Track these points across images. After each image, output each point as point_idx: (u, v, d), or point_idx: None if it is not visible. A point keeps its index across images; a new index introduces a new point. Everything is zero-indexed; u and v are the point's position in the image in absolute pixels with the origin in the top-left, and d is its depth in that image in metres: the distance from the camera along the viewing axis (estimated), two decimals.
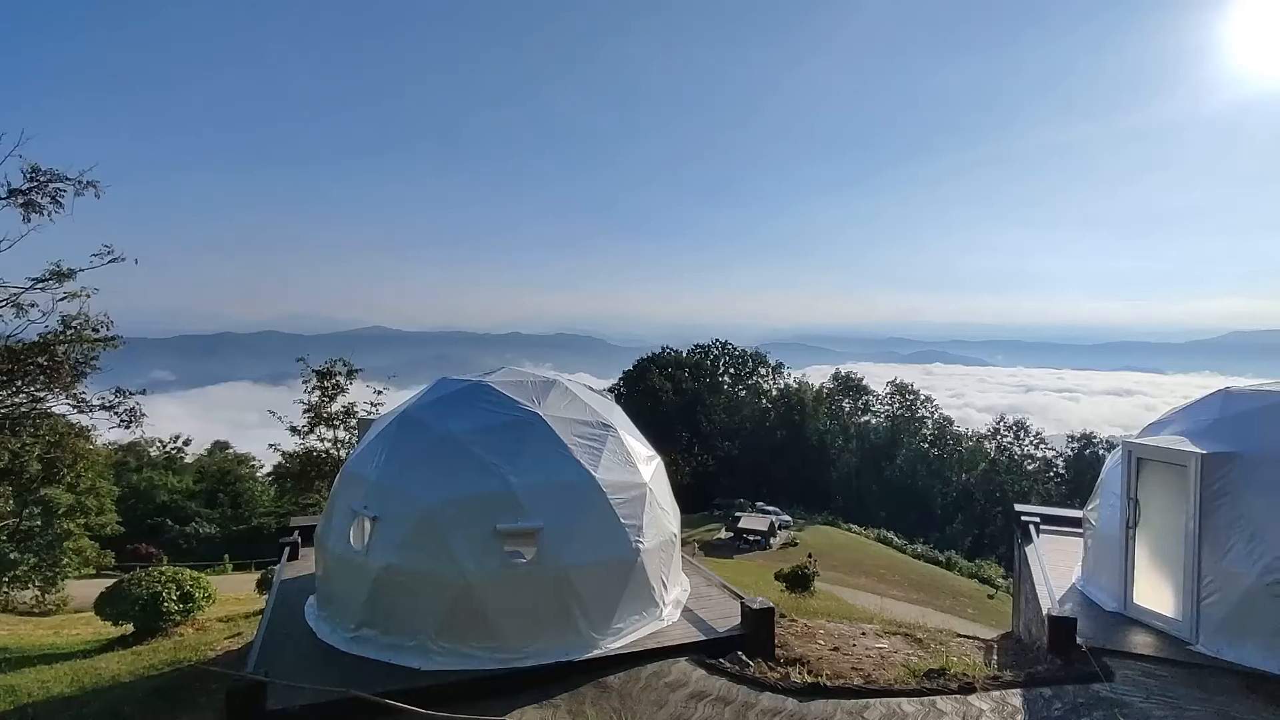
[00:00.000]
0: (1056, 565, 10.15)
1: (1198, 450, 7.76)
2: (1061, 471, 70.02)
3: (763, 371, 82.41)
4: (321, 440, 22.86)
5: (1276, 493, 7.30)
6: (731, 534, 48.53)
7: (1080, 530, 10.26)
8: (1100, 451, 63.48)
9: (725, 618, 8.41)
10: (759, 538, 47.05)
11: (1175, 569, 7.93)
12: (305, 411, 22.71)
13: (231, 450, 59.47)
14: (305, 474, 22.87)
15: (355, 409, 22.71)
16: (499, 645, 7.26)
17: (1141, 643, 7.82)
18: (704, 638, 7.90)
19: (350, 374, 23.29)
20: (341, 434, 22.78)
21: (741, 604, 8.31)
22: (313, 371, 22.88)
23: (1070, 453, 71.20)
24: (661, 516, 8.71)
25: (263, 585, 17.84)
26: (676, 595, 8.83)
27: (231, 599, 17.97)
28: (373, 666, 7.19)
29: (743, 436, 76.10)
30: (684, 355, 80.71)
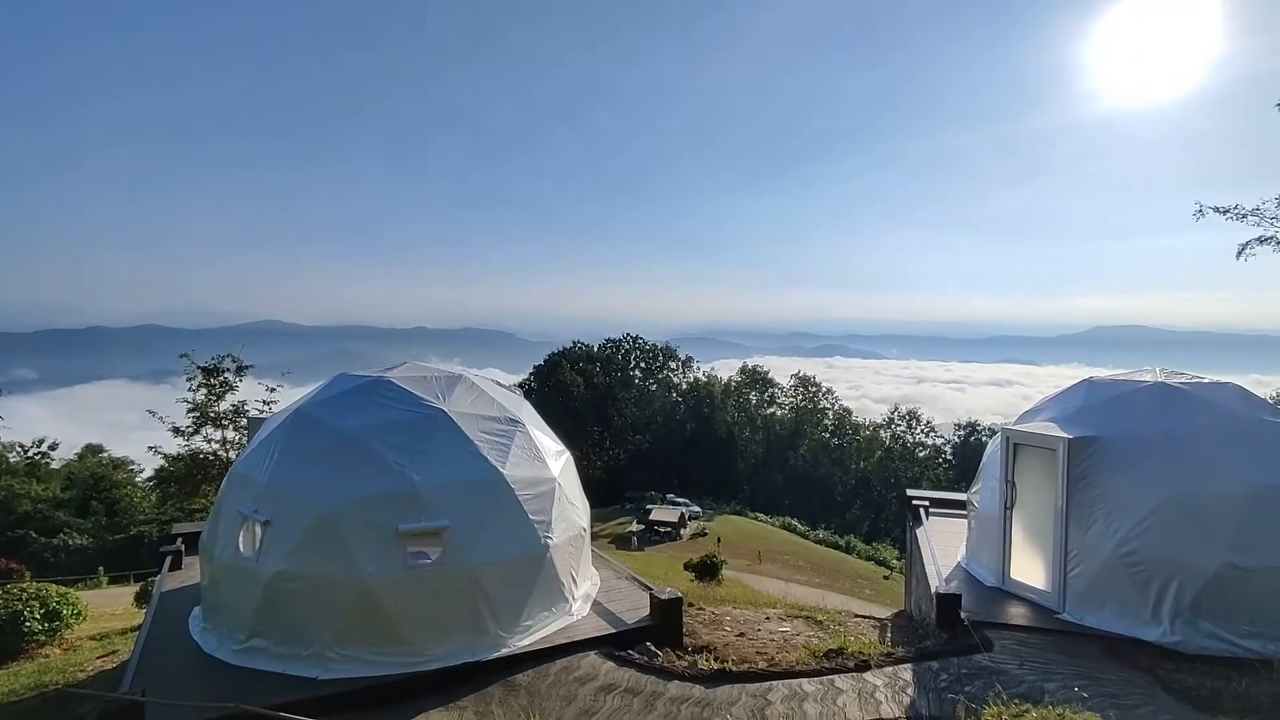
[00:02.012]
0: (944, 545, 10.82)
1: (1065, 435, 8.44)
2: (949, 457, 74.66)
3: (673, 365, 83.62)
4: (208, 441, 21.48)
5: (1130, 473, 8.05)
6: (642, 526, 49.05)
7: (965, 512, 10.98)
8: (983, 438, 68.14)
9: (635, 609, 8.48)
10: (669, 529, 47.78)
11: (1046, 545, 8.61)
12: (190, 411, 21.27)
13: (106, 454, 54.81)
14: (191, 477, 21.44)
15: (245, 408, 21.45)
16: (403, 649, 7.04)
17: (1017, 614, 8.45)
18: (613, 630, 7.94)
19: (240, 371, 21.97)
20: (231, 434, 21.48)
21: (650, 595, 8.41)
22: (198, 368, 21.43)
23: (957, 440, 76.06)
24: (571, 511, 8.68)
25: (142, 598, 16.61)
26: (586, 589, 8.83)
27: (107, 614, 16.61)
28: (266, 678, 6.81)
29: (654, 430, 76.99)
30: (595, 350, 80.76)
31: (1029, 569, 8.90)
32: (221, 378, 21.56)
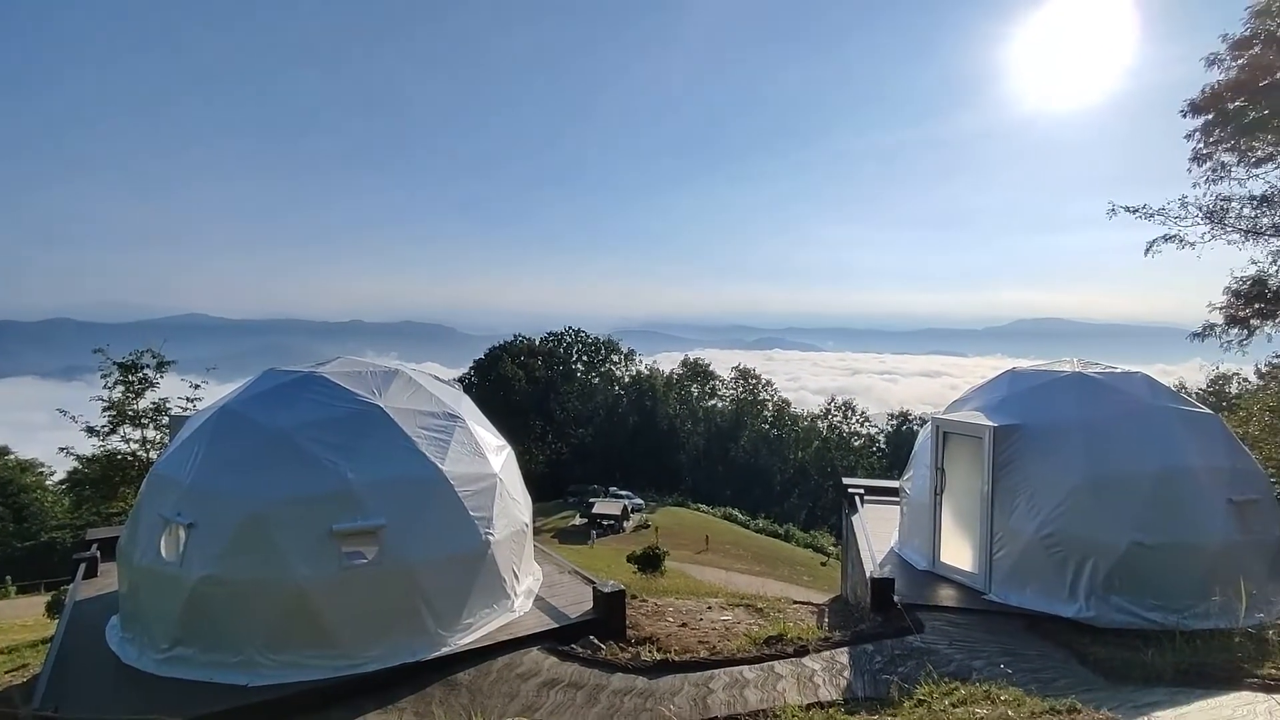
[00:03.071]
0: (878, 532, 11.18)
1: (990, 423, 8.82)
2: (883, 446, 77.09)
3: (615, 359, 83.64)
4: (127, 441, 20.34)
5: (1050, 458, 8.48)
6: (586, 520, 49.02)
7: (898, 499, 11.36)
8: (914, 427, 70.60)
9: (578, 603, 8.47)
10: (612, 522, 47.88)
11: (973, 529, 8.99)
12: (106, 410, 20.08)
13: (13, 456, 51.29)
14: (108, 480, 20.26)
15: (167, 406, 20.40)
16: (339, 652, 6.84)
17: (946, 596, 8.81)
18: (556, 625, 7.90)
19: (160, 367, 20.85)
20: (151, 434, 20.39)
21: (594, 588, 8.40)
22: (114, 364, 20.25)
23: (890, 429, 78.58)
24: (513, 507, 8.59)
25: (54, 608, 15.67)
26: (529, 585, 8.77)
27: (16, 626, 15.64)
28: (191, 688, 6.51)
29: (596, 423, 76.91)
30: (537, 343, 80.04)
31: (958, 552, 9.27)
32: (140, 374, 20.42)
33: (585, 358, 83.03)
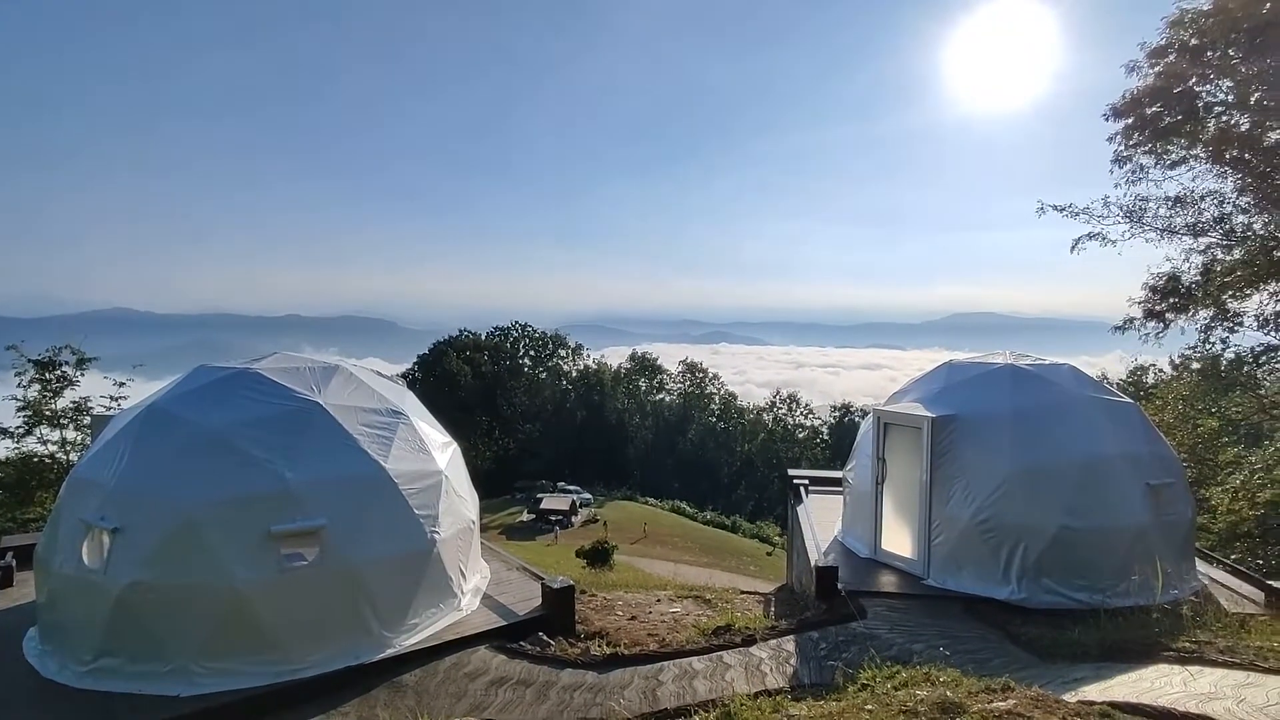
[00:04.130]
0: (823, 521, 11.43)
1: (928, 414, 9.11)
2: (826, 438, 78.84)
3: (563, 353, 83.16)
4: (44, 443, 19.21)
5: (984, 447, 8.81)
6: (534, 516, 48.72)
7: (841, 489, 11.63)
8: (856, 419, 72.41)
9: (526, 600, 8.40)
10: (561, 517, 47.71)
11: (912, 517, 9.28)
12: (21, 409, 18.92)
13: None
14: (23, 483, 19.10)
15: (89, 405, 19.36)
16: (278, 657, 6.61)
17: (887, 582, 9.07)
18: (505, 623, 7.82)
19: (81, 364, 19.75)
20: (71, 434, 19.31)
21: (542, 585, 8.35)
22: (29, 362, 19.09)
23: (833, 421, 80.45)
24: (459, 504, 8.45)
25: None
26: (476, 583, 8.65)
27: None
28: (118, 701, 6.20)
29: (544, 418, 76.40)
30: (483, 338, 78.95)
31: (898, 539, 9.56)
32: (59, 372, 19.31)
33: (533, 352, 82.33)
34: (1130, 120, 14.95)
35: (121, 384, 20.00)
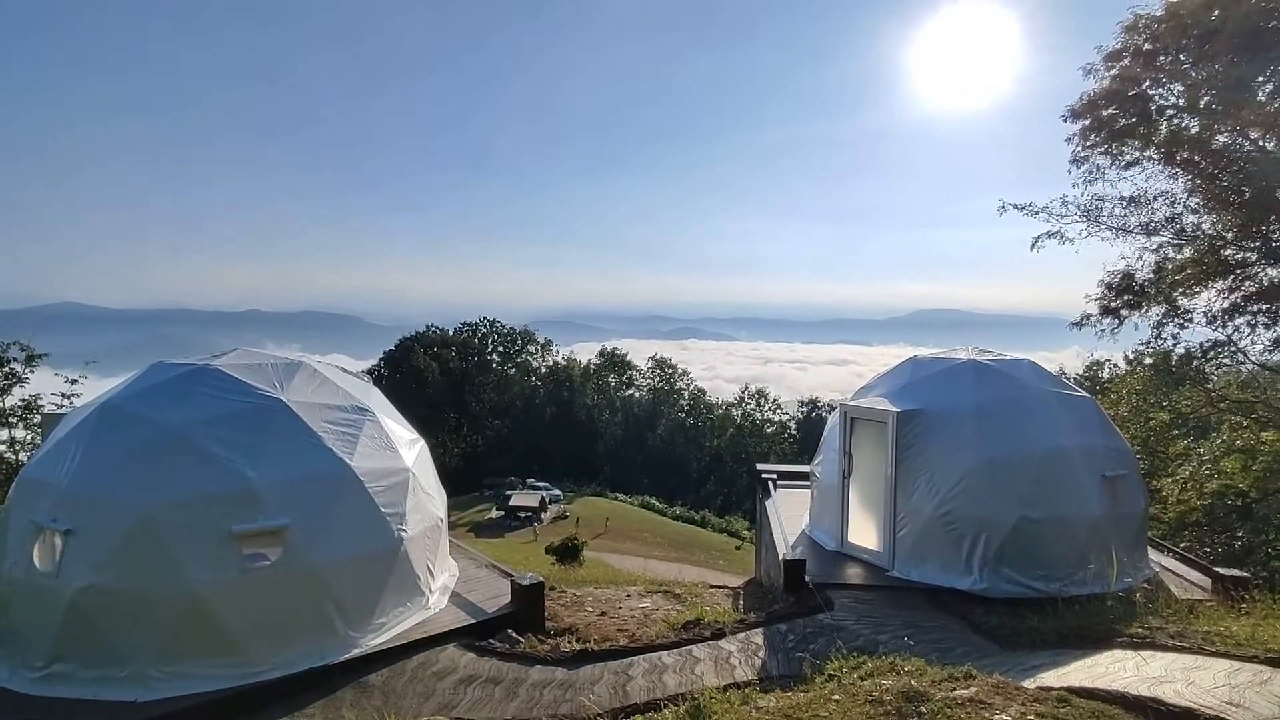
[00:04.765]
0: (790, 515, 11.56)
1: (894, 409, 9.26)
2: (794, 432, 79.61)
3: (532, 349, 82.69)
4: None
5: (947, 441, 8.98)
6: (503, 513, 48.39)
7: (809, 483, 11.76)
8: (823, 414, 73.31)
9: (496, 598, 8.35)
10: (530, 514, 47.47)
11: (878, 509, 9.43)
12: None
13: None
14: None
15: (39, 403, 18.71)
16: (241, 659, 6.48)
17: (854, 574, 9.21)
18: (474, 620, 7.77)
19: (31, 360, 19.08)
20: (20, 434, 18.64)
21: (511, 582, 8.31)
22: None
23: (800, 416, 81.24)
24: (426, 501, 8.36)
25: None
26: (444, 581, 8.57)
27: None
28: (73, 707, 6.02)
29: (513, 414, 75.91)
30: (451, 334, 78.08)
31: (864, 532, 9.71)
32: (7, 369, 18.63)
33: (501, 348, 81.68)
34: (1087, 122, 15.35)
35: (74, 381, 19.36)
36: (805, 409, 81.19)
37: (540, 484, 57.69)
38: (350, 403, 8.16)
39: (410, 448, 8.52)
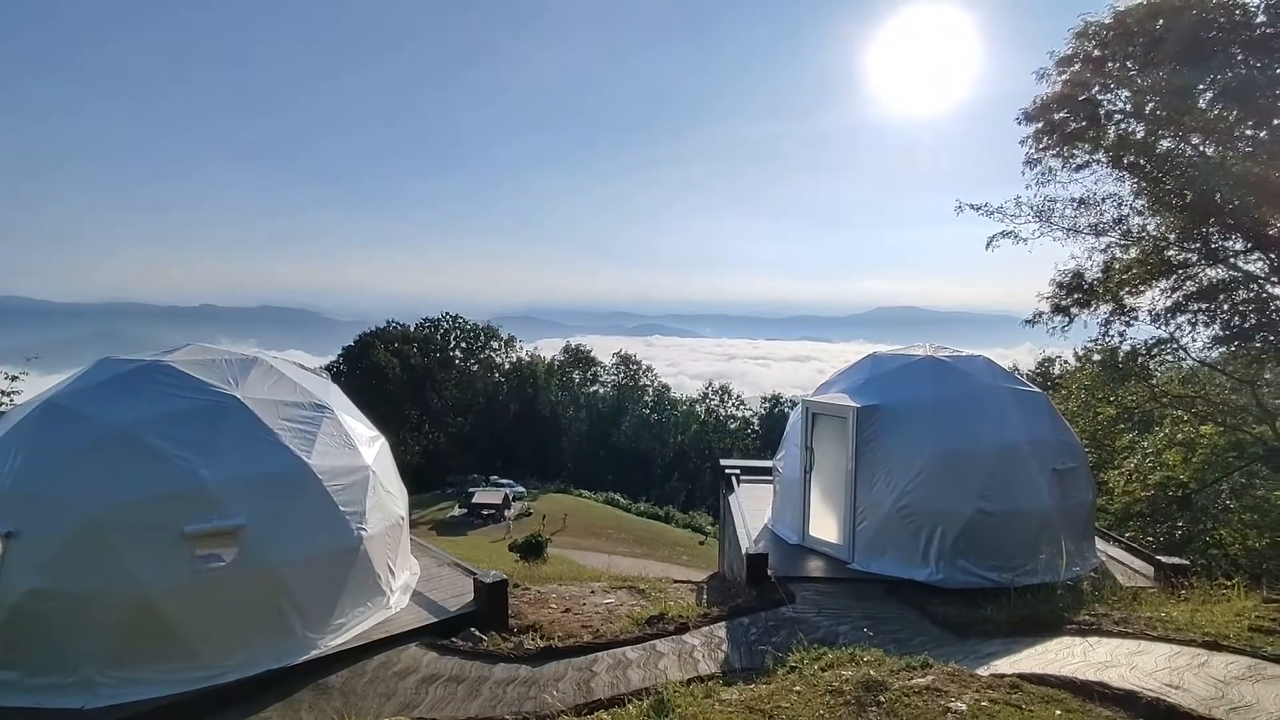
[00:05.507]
0: (754, 510, 11.68)
1: (854, 404, 9.42)
2: (757, 428, 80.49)
3: (495, 345, 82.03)
4: None
5: (906, 436, 9.17)
6: (465, 510, 47.99)
7: (771, 478, 11.90)
8: (785, 409, 74.21)
9: (458, 596, 8.27)
10: (493, 511, 47.16)
11: (839, 503, 9.59)
12: None
13: None
14: None
15: None
16: (194, 664, 6.30)
17: (815, 567, 9.36)
18: (436, 619, 7.69)
19: None
20: None
21: (474, 579, 8.24)
22: None
23: (763, 411, 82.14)
24: (387, 500, 8.24)
25: None
26: (406, 580, 8.46)
27: None
28: (16, 716, 5.80)
29: (476, 411, 75.23)
30: (412, 330, 76.97)
31: (825, 526, 9.86)
32: None
33: (464, 345, 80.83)
34: (1040, 125, 15.80)
35: (14, 378, 18.55)
36: (768, 405, 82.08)
37: (504, 481, 57.31)
38: (308, 399, 7.99)
39: (370, 445, 8.39)
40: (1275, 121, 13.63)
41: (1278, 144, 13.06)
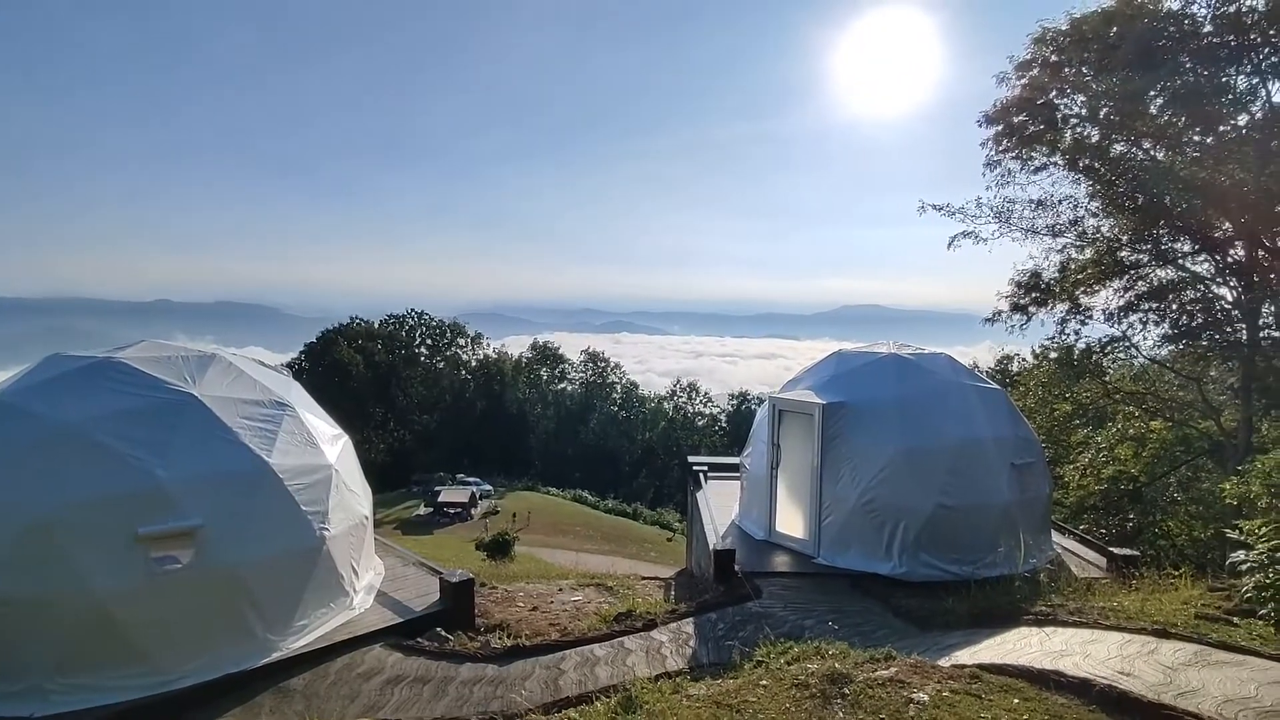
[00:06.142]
0: (721, 506, 11.75)
1: (820, 401, 9.53)
2: (724, 425, 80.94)
3: (461, 342, 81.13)
4: None
5: (870, 432, 9.30)
6: (431, 509, 47.46)
7: (739, 474, 11.98)
8: (753, 406, 74.80)
9: (423, 595, 8.18)
10: (460, 509, 46.72)
11: (804, 499, 9.69)
12: None
13: None
14: None
15: None
16: (149, 668, 6.13)
17: (781, 562, 9.45)
18: (401, 619, 7.59)
19: None
20: None
21: (440, 579, 8.15)
22: None
23: (731, 409, 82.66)
24: (350, 499, 8.10)
25: None
26: (369, 580, 8.34)
27: None
28: None
29: (442, 409, 74.39)
30: (376, 326, 75.72)
31: (791, 521, 9.97)
32: None
33: (429, 341, 79.80)
34: (1000, 127, 16.17)
35: None
36: (735, 402, 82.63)
37: (470, 479, 56.80)
38: (268, 397, 7.81)
39: (333, 443, 8.24)
40: (1221, 128, 14.15)
41: (1223, 149, 13.55)
